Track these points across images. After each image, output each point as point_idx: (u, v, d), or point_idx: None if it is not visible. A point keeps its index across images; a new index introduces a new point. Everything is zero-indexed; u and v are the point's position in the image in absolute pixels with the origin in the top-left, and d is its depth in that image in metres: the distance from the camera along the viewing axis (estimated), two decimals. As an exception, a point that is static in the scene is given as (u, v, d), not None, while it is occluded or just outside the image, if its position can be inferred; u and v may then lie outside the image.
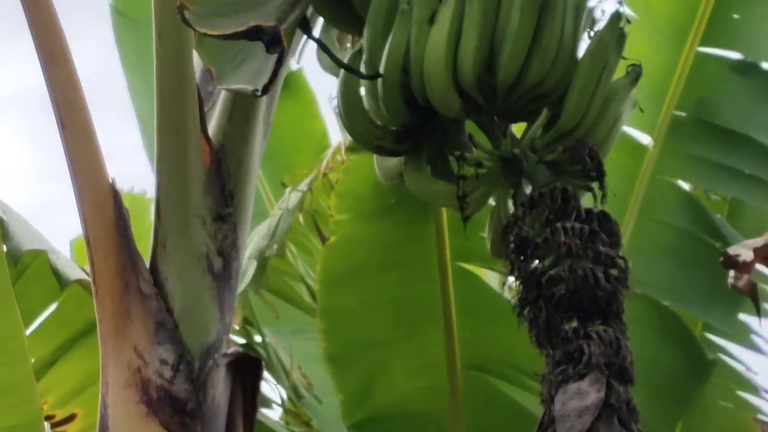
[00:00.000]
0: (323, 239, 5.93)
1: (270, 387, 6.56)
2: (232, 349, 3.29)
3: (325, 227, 5.92)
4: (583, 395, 2.39)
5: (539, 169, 2.67)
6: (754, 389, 6.19)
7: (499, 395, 5.81)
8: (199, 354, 3.10)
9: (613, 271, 2.52)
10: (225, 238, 3.21)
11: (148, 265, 3.18)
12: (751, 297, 4.17)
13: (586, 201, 2.68)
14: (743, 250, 3.98)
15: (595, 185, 2.67)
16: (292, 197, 5.91)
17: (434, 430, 6.01)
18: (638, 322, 2.67)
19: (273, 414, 6.63)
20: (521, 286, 2.58)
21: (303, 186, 5.94)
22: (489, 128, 2.77)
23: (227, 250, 3.21)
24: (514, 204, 2.69)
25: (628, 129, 6.07)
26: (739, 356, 6.19)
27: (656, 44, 6.23)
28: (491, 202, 2.77)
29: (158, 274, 3.14)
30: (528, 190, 2.67)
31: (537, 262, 2.55)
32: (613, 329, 2.48)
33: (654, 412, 2.30)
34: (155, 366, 3.05)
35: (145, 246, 3.23)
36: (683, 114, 6.32)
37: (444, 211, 5.39)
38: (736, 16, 6.35)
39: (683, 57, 6.30)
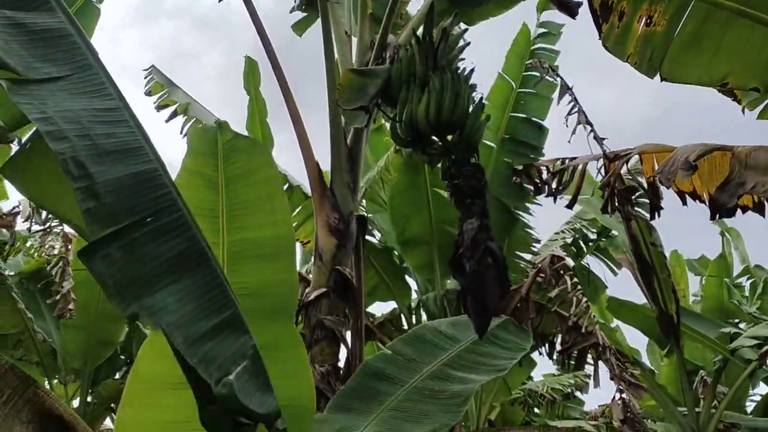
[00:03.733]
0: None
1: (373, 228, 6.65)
2: (357, 214, 3.36)
3: (389, 174, 5.87)
4: (473, 223, 2.48)
5: (457, 150, 2.69)
6: (530, 227, 6.07)
7: (447, 231, 5.83)
8: (347, 215, 3.23)
9: (482, 182, 2.57)
10: (353, 177, 3.28)
11: (329, 186, 3.29)
12: (530, 193, 4.28)
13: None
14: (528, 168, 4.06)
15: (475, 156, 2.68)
16: (377, 165, 5.91)
17: (426, 245, 6.04)
18: (490, 204, 2.96)
19: (373, 240, 6.72)
20: (451, 190, 2.59)
21: (381, 162, 5.92)
22: (440, 137, 2.77)
23: (354, 182, 3.30)
24: (449, 161, 2.68)
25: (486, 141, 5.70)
26: (526, 217, 6.06)
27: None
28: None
29: (333, 191, 3.25)
30: (453, 157, 2.68)
31: (456, 180, 2.59)
32: (483, 202, 2.54)
33: (497, 234, 2.55)
34: (332, 219, 3.20)
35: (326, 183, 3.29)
36: (506, 136, 5.96)
37: (426, 166, 5.44)
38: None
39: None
